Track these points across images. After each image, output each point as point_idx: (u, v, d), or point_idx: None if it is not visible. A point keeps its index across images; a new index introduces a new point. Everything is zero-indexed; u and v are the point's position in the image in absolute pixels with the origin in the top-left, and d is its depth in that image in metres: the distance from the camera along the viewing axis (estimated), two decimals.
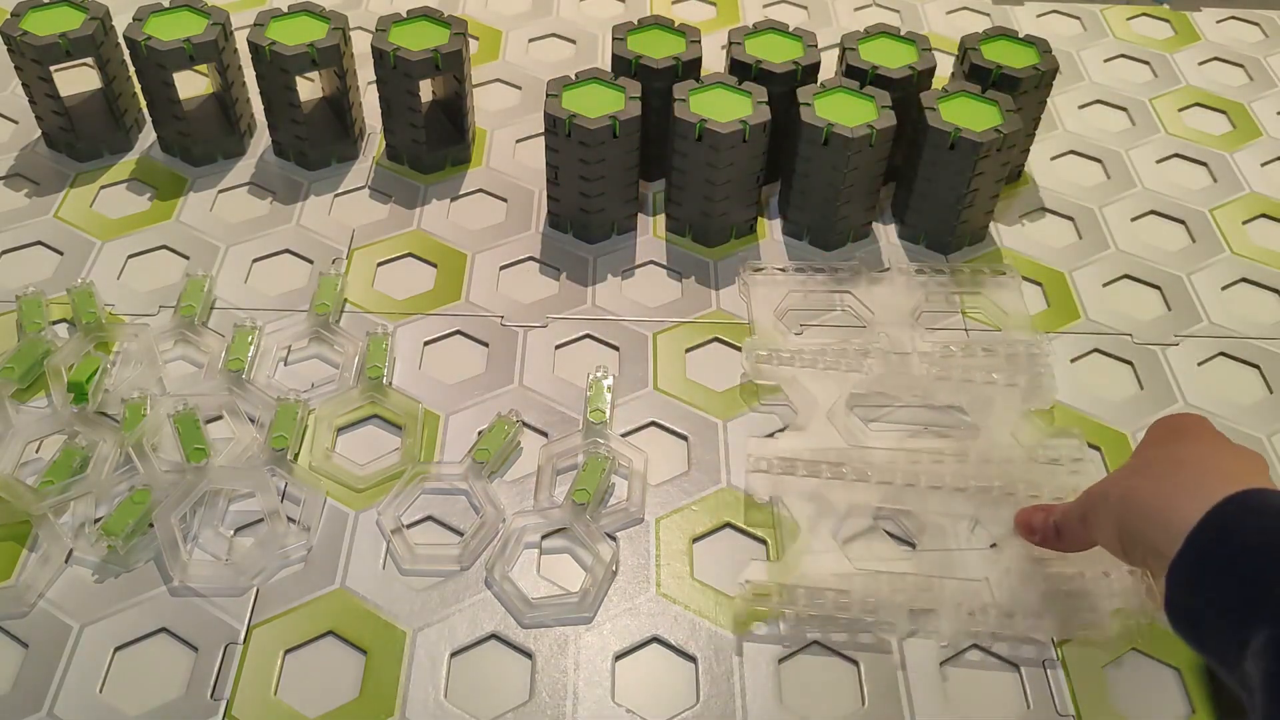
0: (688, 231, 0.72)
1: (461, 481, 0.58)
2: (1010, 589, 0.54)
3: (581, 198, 0.69)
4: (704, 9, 0.95)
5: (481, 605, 0.53)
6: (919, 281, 0.69)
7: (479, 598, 0.53)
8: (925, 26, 0.93)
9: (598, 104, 0.67)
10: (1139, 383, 0.65)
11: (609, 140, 0.66)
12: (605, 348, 0.66)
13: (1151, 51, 0.92)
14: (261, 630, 0.52)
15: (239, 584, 0.53)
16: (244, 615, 0.52)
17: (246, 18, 0.81)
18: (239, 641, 0.51)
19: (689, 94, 0.67)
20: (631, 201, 0.71)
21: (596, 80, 0.68)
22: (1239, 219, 0.77)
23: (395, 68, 0.71)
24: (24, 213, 0.73)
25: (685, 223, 0.72)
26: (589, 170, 0.67)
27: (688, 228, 0.72)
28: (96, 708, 0.49)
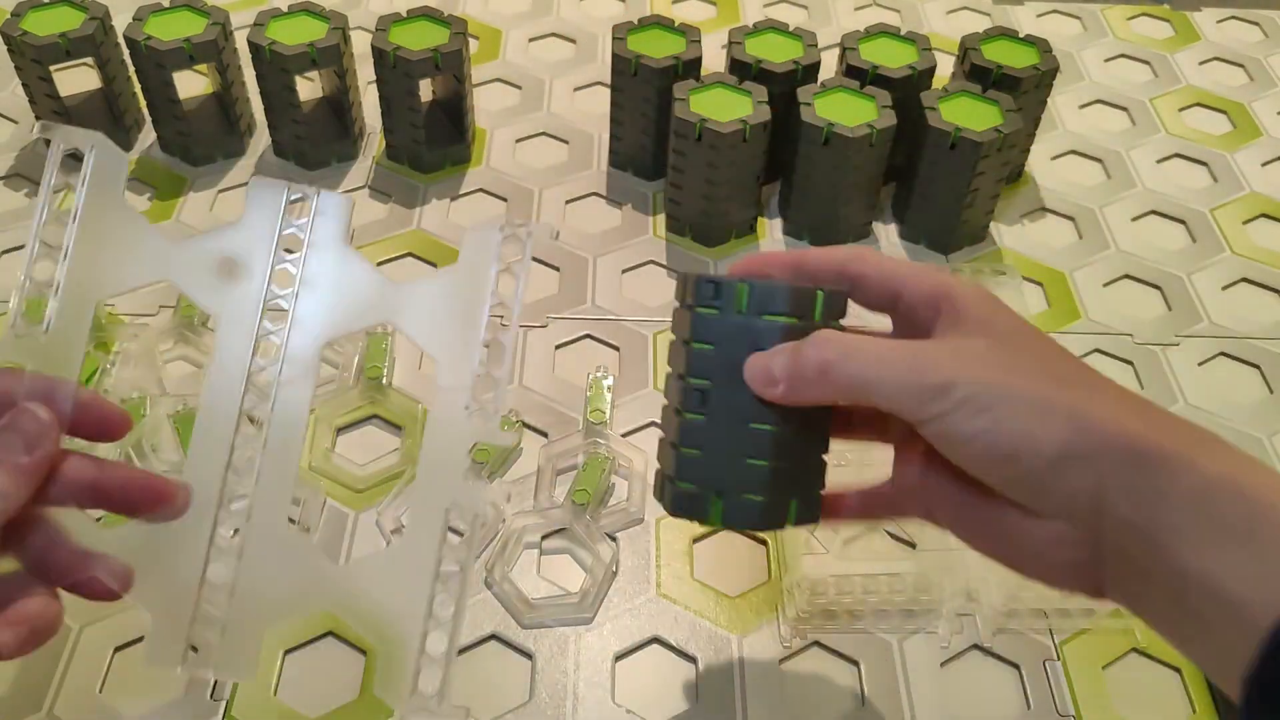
0: (688, 231, 0.72)
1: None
2: (1010, 589, 0.54)
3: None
4: (704, 9, 0.95)
5: (481, 605, 0.53)
6: None
7: (479, 598, 0.53)
8: (925, 26, 0.93)
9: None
10: (1139, 383, 0.65)
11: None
12: (605, 348, 0.66)
13: (1152, 51, 0.92)
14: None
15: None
16: None
17: (246, 17, 0.81)
18: None
19: (689, 94, 0.67)
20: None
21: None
22: (1239, 219, 0.77)
23: (395, 67, 0.71)
24: (24, 213, 0.73)
25: (685, 223, 0.72)
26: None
27: (688, 228, 0.72)
28: (96, 708, 0.49)
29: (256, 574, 0.36)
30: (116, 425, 0.36)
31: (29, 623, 0.33)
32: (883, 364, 0.33)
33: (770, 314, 0.36)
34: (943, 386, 0.32)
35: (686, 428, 0.37)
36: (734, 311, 0.36)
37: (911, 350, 0.33)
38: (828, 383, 0.34)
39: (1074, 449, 0.31)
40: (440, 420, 0.37)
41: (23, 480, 0.33)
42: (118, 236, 0.36)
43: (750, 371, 0.35)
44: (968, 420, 0.32)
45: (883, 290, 0.37)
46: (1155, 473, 0.30)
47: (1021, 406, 0.31)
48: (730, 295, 0.36)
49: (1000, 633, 0.53)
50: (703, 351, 0.36)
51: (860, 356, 0.33)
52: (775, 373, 0.34)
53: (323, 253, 0.37)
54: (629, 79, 0.72)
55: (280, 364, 0.37)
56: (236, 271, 0.37)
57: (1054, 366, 0.34)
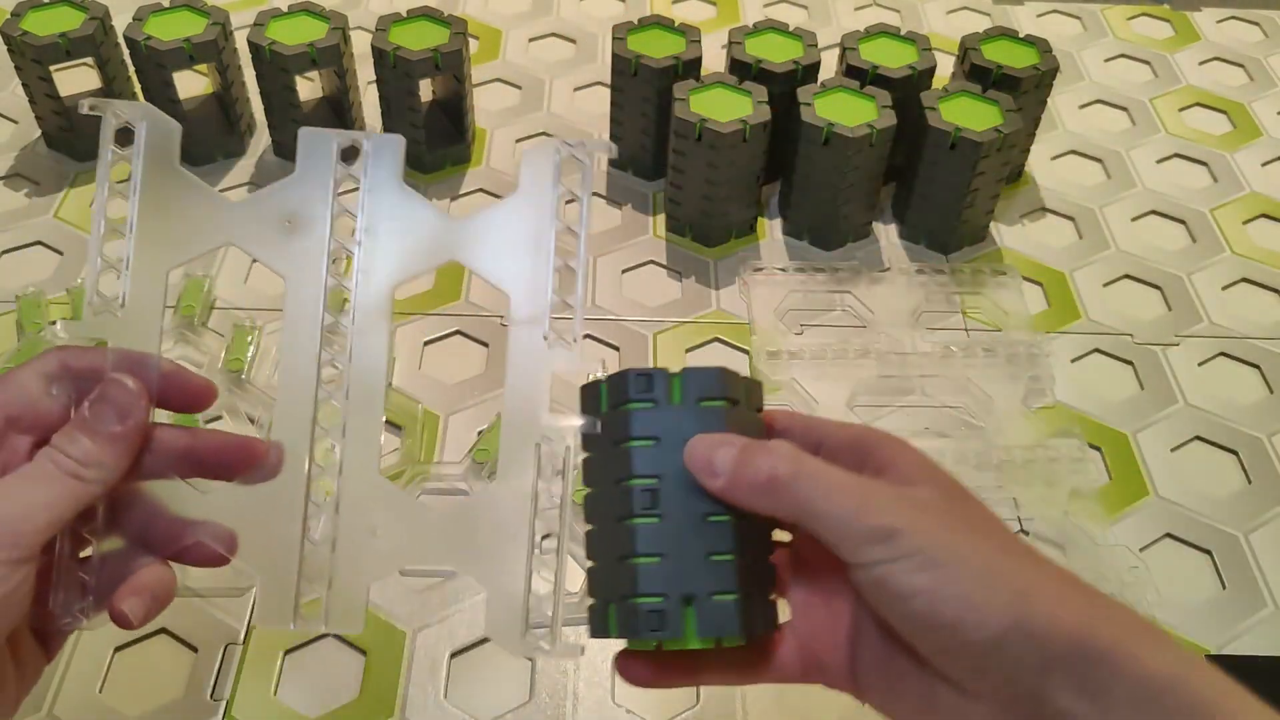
0: (688, 231, 0.72)
1: (461, 481, 0.58)
2: None
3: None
4: (704, 9, 0.95)
5: (481, 605, 0.53)
6: (919, 281, 0.69)
7: (479, 598, 0.53)
8: (925, 26, 0.93)
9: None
10: (1139, 383, 0.65)
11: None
12: (605, 348, 0.66)
13: (1152, 51, 0.92)
14: (261, 630, 0.52)
15: (239, 584, 0.53)
16: (244, 615, 0.52)
17: (246, 17, 0.81)
18: (239, 642, 0.51)
19: (689, 94, 0.67)
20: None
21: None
22: (1239, 219, 0.76)
23: (395, 67, 0.71)
24: (24, 213, 0.73)
25: (685, 223, 0.72)
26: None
27: (688, 228, 0.72)
28: (96, 708, 0.49)
29: (356, 525, 0.36)
30: (202, 395, 0.37)
31: (149, 590, 0.34)
32: (832, 492, 0.31)
33: (708, 399, 0.34)
34: (889, 532, 0.30)
35: (641, 534, 0.33)
36: (669, 402, 0.34)
37: (863, 486, 0.31)
38: (772, 496, 0.31)
39: (1020, 629, 0.28)
40: (520, 354, 0.36)
41: (119, 449, 0.33)
42: (178, 204, 0.36)
43: (692, 454, 0.33)
44: (910, 575, 0.29)
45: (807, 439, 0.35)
46: (1099, 665, 0.28)
47: (968, 572, 0.29)
48: (664, 385, 0.34)
49: None
50: (645, 449, 0.33)
51: (811, 480, 0.31)
52: (717, 465, 0.32)
53: (380, 196, 0.37)
54: (629, 79, 0.72)
55: (353, 313, 0.37)
56: (298, 225, 0.37)
57: (997, 532, 0.32)
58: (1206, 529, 0.58)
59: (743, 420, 0.34)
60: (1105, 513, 0.58)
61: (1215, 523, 0.58)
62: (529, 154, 0.37)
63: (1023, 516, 0.58)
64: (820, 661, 0.34)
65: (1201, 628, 0.54)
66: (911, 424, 0.62)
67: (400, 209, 0.37)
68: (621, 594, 0.33)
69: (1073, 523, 0.57)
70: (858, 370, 0.64)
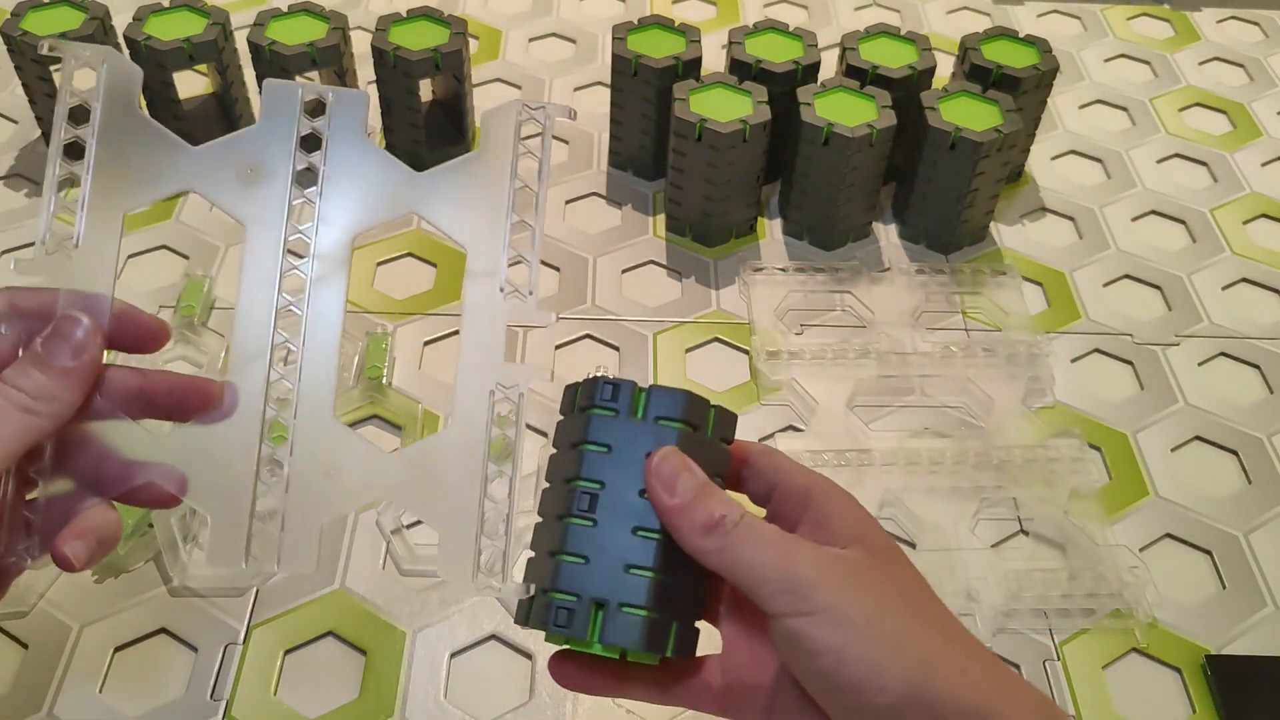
0: (688, 231, 0.72)
1: None
2: (1010, 589, 0.54)
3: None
4: (704, 9, 0.95)
5: (481, 605, 0.53)
6: (919, 281, 0.69)
7: (479, 598, 0.53)
8: (925, 26, 0.93)
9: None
10: (1139, 383, 0.65)
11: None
12: (605, 348, 0.66)
13: (1151, 51, 0.92)
14: (261, 630, 0.52)
15: (239, 584, 0.53)
16: (244, 615, 0.52)
17: (246, 18, 0.81)
18: (239, 642, 0.51)
19: (689, 94, 0.67)
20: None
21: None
22: (1239, 219, 0.76)
23: (395, 67, 0.71)
24: (24, 213, 0.73)
25: (685, 223, 0.72)
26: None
27: (688, 228, 0.72)
28: (96, 708, 0.49)
29: (310, 466, 0.36)
30: (155, 335, 0.37)
31: (94, 533, 0.34)
32: (756, 541, 0.32)
33: (667, 419, 0.34)
34: (809, 584, 0.30)
35: (571, 533, 0.34)
36: (630, 415, 0.35)
37: (787, 540, 0.32)
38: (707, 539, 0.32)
39: (919, 697, 0.29)
40: (476, 306, 0.37)
41: (72, 384, 0.33)
42: (138, 149, 0.36)
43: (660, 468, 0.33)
44: (819, 630, 0.30)
45: (764, 480, 0.36)
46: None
47: (879, 634, 0.30)
48: (628, 397, 0.35)
49: (1000, 633, 0.53)
50: (597, 454, 0.35)
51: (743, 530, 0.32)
52: (678, 485, 0.33)
53: (343, 148, 0.37)
54: (629, 79, 0.72)
55: (311, 260, 0.37)
56: (259, 174, 0.37)
57: (915, 599, 0.33)
58: (1206, 529, 0.58)
59: (701, 448, 0.35)
60: (1105, 513, 0.58)
61: (1215, 523, 0.58)
62: (489, 115, 0.38)
63: (1023, 516, 0.58)
64: (740, 700, 0.35)
65: (1201, 628, 0.54)
66: (911, 424, 0.62)
67: (362, 161, 0.38)
68: (543, 586, 0.34)
69: (1073, 523, 0.57)
70: (858, 370, 0.64)
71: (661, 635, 0.34)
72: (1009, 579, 0.54)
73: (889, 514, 0.58)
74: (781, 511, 0.35)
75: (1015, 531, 0.58)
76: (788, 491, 0.35)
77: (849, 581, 0.31)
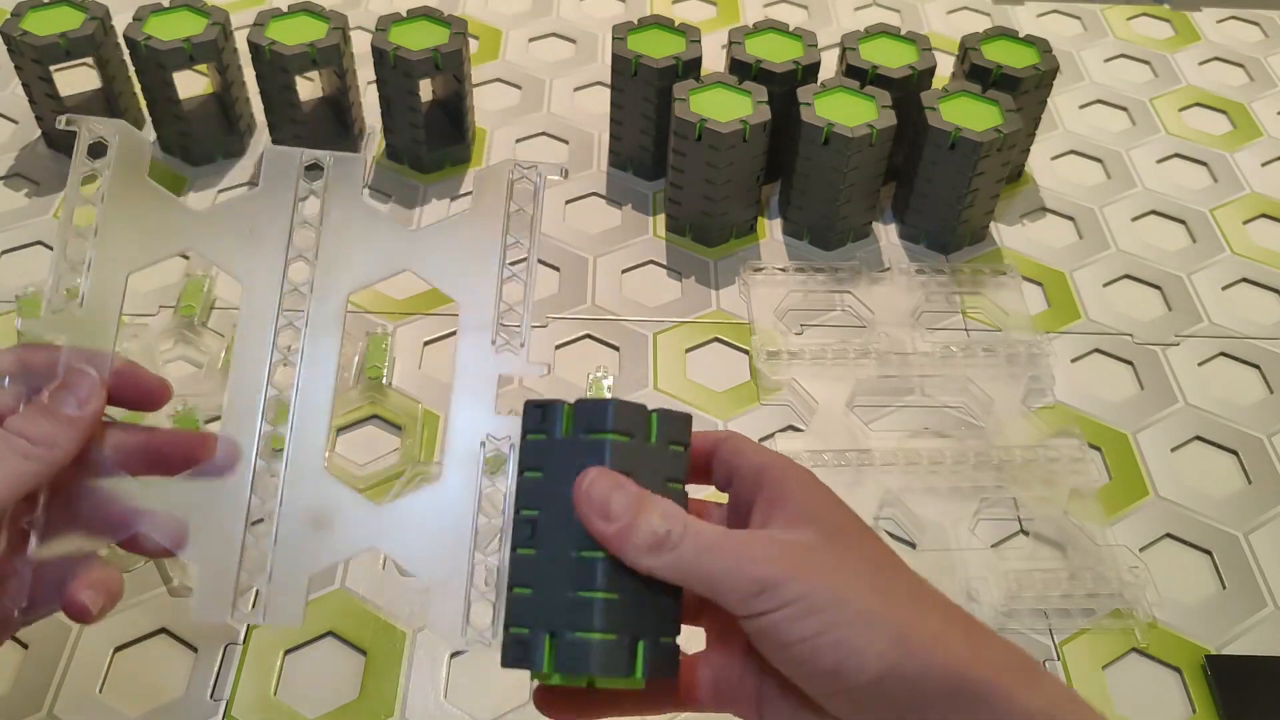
0: (688, 231, 0.72)
1: None
2: (1010, 589, 0.54)
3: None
4: (704, 9, 0.95)
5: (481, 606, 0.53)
6: (919, 281, 0.69)
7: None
8: (925, 26, 0.93)
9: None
10: (1139, 383, 0.65)
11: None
12: (605, 348, 0.66)
13: (1151, 51, 0.92)
14: (261, 630, 0.52)
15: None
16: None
17: (246, 17, 0.81)
18: (239, 642, 0.51)
19: (689, 94, 0.67)
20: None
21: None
22: (1239, 219, 0.76)
23: (395, 67, 0.71)
24: (24, 213, 0.73)
25: (685, 223, 0.72)
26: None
27: (688, 228, 0.72)
28: (96, 708, 0.49)
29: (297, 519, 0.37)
30: (156, 394, 0.38)
31: (104, 585, 0.35)
32: (711, 551, 0.31)
33: (597, 432, 0.33)
34: (772, 583, 0.30)
35: (516, 564, 0.33)
36: (561, 433, 0.33)
37: (739, 541, 0.31)
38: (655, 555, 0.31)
39: (897, 671, 0.29)
40: (467, 359, 0.38)
41: (73, 432, 0.34)
42: (144, 213, 0.38)
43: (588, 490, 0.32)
44: (793, 623, 0.30)
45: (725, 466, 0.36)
46: (974, 705, 0.29)
47: (849, 616, 0.30)
48: (556, 417, 0.33)
49: (1000, 632, 0.53)
50: (532, 480, 0.34)
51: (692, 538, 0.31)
52: (614, 509, 0.31)
53: (339, 211, 0.39)
54: (629, 79, 0.72)
55: (307, 317, 0.38)
56: (259, 235, 0.38)
57: (882, 572, 0.32)
58: (1206, 529, 0.58)
59: (644, 457, 0.33)
60: (1105, 513, 0.58)
61: (1215, 523, 0.58)
62: (481, 174, 0.40)
63: (1023, 516, 0.58)
64: (731, 693, 0.35)
65: (1201, 628, 0.54)
66: (911, 424, 0.62)
67: (358, 221, 0.39)
68: (505, 622, 0.34)
69: (1073, 523, 0.57)
70: (858, 370, 0.64)
71: (623, 656, 0.32)
72: (1009, 579, 0.54)
73: (889, 514, 0.58)
74: (740, 494, 0.35)
75: (1015, 531, 0.58)
76: (744, 474, 0.35)
77: (810, 570, 0.30)
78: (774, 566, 0.30)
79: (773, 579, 0.30)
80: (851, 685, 0.30)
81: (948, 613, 0.32)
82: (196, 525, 0.36)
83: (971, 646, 0.31)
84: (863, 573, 0.31)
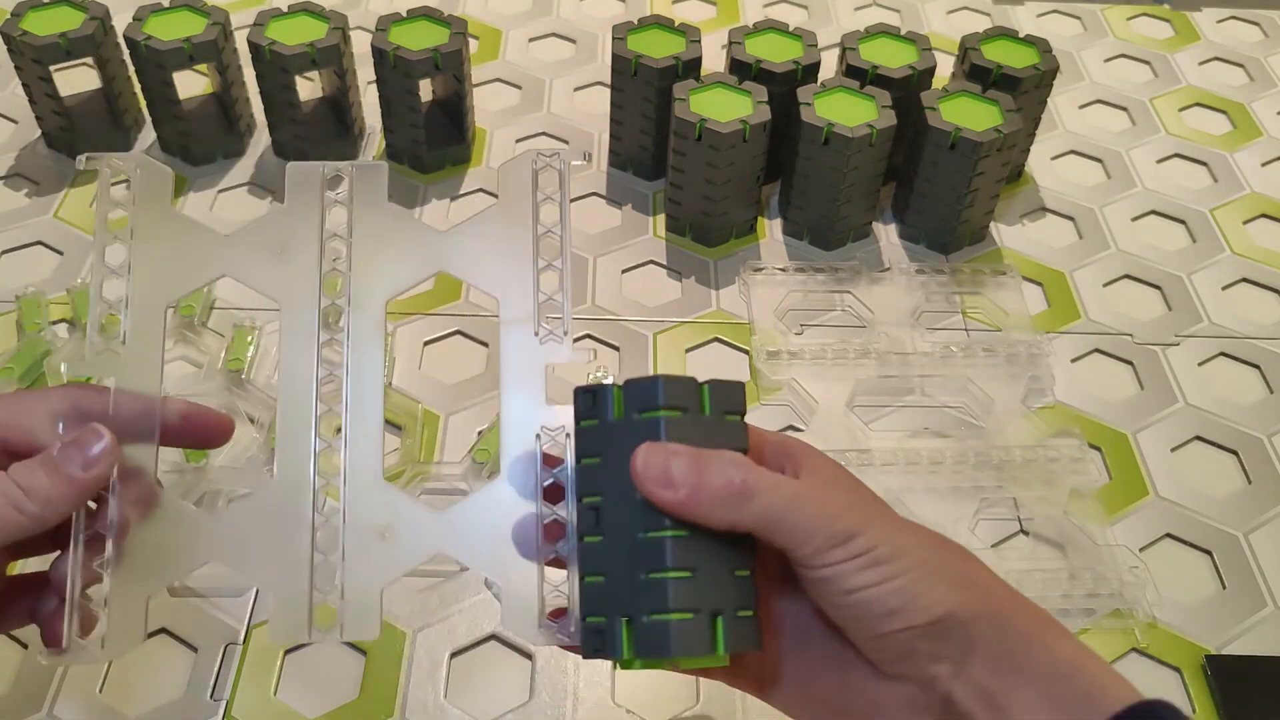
0: (688, 231, 0.72)
1: (461, 481, 0.58)
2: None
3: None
4: (704, 9, 0.95)
5: (481, 606, 0.53)
6: (919, 281, 0.69)
7: (479, 598, 0.53)
8: (925, 26, 0.93)
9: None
10: (1139, 383, 0.65)
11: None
12: (606, 348, 0.66)
13: (1151, 51, 0.92)
14: (261, 630, 0.52)
15: (239, 584, 0.53)
16: (244, 615, 0.52)
17: (246, 17, 0.81)
18: (239, 641, 0.51)
19: (689, 94, 0.67)
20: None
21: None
22: (1239, 219, 0.77)
23: (395, 67, 0.71)
24: (24, 213, 0.73)
25: (685, 222, 0.72)
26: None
27: (688, 228, 0.72)
28: (96, 708, 0.49)
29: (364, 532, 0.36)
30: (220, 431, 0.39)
31: None
32: (796, 503, 0.32)
33: (648, 410, 0.32)
34: (847, 535, 0.31)
35: (585, 553, 0.33)
36: (612, 417, 0.33)
37: (820, 496, 0.32)
38: (737, 507, 0.31)
39: (955, 614, 0.32)
40: (514, 352, 0.38)
41: (70, 494, 0.34)
42: (173, 243, 0.38)
43: (644, 466, 0.32)
44: (860, 572, 0.31)
45: None
46: (1016, 644, 0.32)
47: (913, 563, 0.32)
48: (606, 401, 0.33)
49: None
50: (590, 466, 0.34)
51: (776, 491, 0.32)
52: (675, 476, 0.31)
53: (367, 216, 0.39)
54: (629, 79, 0.72)
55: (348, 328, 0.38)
56: (289, 252, 0.38)
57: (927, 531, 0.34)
58: (1206, 529, 0.58)
59: (703, 429, 0.33)
60: (1105, 513, 0.58)
61: (1215, 523, 0.58)
62: (505, 167, 0.40)
63: (1023, 516, 0.58)
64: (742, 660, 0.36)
65: (1201, 628, 0.54)
66: (911, 424, 0.62)
67: (387, 226, 0.39)
68: (581, 612, 0.34)
69: (1073, 523, 0.57)
70: (858, 370, 0.64)
71: (703, 635, 0.31)
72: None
73: None
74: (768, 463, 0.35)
75: (1015, 531, 0.58)
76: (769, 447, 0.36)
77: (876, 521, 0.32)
78: (850, 519, 0.32)
79: (848, 531, 0.31)
80: (906, 626, 0.31)
81: (991, 572, 0.34)
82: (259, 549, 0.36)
83: (1015, 600, 0.33)
84: (913, 529, 0.34)
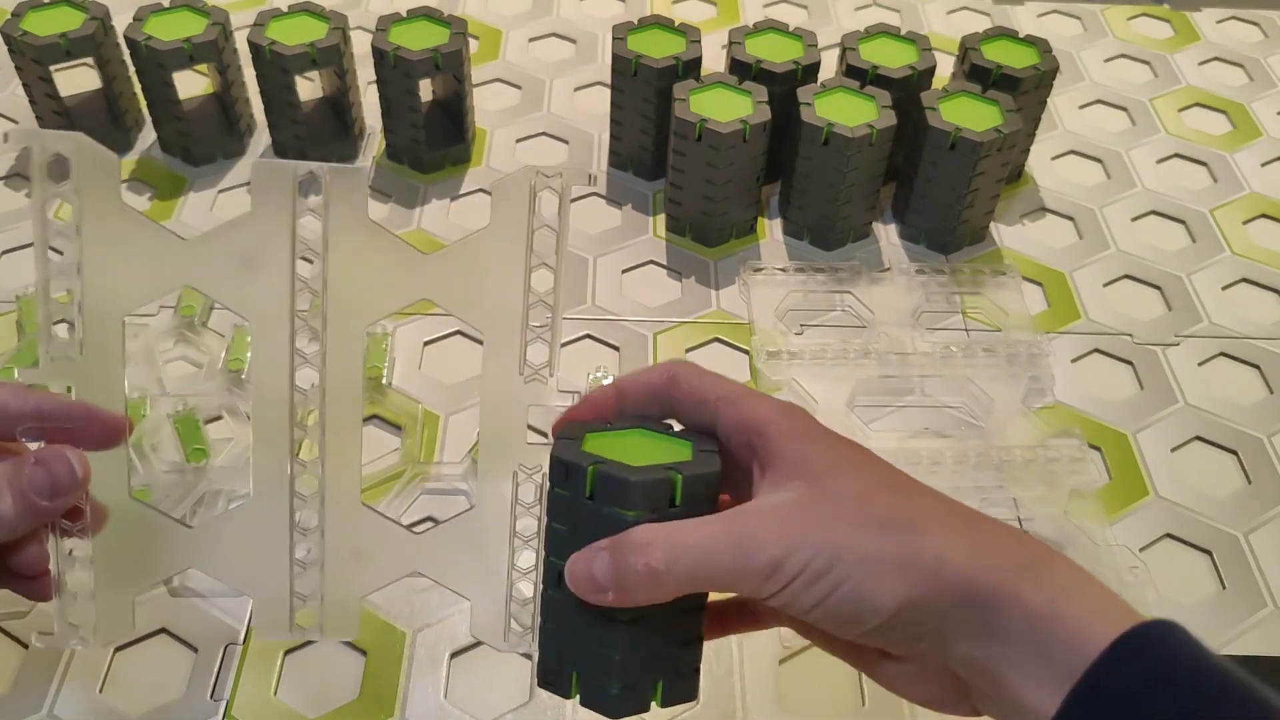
0: (688, 231, 0.72)
1: (461, 481, 0.58)
2: None
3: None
4: (704, 9, 0.95)
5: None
6: (919, 281, 0.69)
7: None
8: (925, 26, 0.93)
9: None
10: (1139, 383, 0.65)
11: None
12: (605, 348, 0.66)
13: (1151, 51, 0.92)
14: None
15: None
16: (244, 615, 0.52)
17: (246, 18, 0.81)
18: (239, 641, 0.51)
19: (689, 94, 0.67)
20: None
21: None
22: (1239, 219, 0.76)
23: (395, 67, 0.71)
24: (24, 213, 0.73)
25: (685, 223, 0.72)
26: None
27: (688, 228, 0.72)
28: (96, 708, 0.49)
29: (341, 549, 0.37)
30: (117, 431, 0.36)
31: None
32: (710, 554, 0.31)
33: (620, 508, 0.32)
34: (774, 564, 0.31)
35: (546, 603, 0.35)
36: (584, 496, 0.33)
37: (734, 530, 0.31)
38: (659, 587, 0.31)
39: (910, 602, 0.31)
40: (495, 390, 0.37)
41: (29, 519, 0.34)
42: (127, 242, 0.34)
43: (574, 578, 0.32)
44: (804, 592, 0.31)
45: (698, 418, 0.35)
46: (985, 610, 0.31)
47: (852, 566, 0.31)
48: (579, 479, 0.33)
49: None
50: (559, 531, 0.34)
51: (687, 554, 0.31)
52: (600, 579, 0.32)
53: (344, 234, 0.35)
54: (629, 79, 0.72)
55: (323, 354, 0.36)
56: (257, 266, 0.34)
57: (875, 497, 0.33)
58: (1206, 529, 0.58)
59: None
60: (1105, 513, 0.58)
61: (1215, 523, 0.58)
62: (499, 184, 0.36)
63: (1023, 516, 0.58)
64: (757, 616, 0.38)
65: (1201, 628, 0.54)
66: (911, 424, 0.62)
67: (366, 247, 0.35)
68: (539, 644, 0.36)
69: (1073, 523, 0.57)
70: (858, 370, 0.64)
71: (644, 697, 0.35)
72: None
73: None
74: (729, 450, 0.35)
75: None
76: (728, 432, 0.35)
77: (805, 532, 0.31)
78: (770, 546, 0.31)
79: (773, 559, 0.31)
80: (873, 626, 0.31)
81: (948, 522, 0.32)
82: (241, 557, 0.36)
83: (975, 553, 0.31)
84: (855, 512, 0.32)
